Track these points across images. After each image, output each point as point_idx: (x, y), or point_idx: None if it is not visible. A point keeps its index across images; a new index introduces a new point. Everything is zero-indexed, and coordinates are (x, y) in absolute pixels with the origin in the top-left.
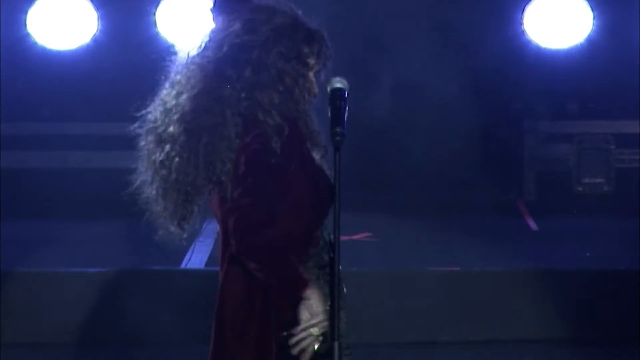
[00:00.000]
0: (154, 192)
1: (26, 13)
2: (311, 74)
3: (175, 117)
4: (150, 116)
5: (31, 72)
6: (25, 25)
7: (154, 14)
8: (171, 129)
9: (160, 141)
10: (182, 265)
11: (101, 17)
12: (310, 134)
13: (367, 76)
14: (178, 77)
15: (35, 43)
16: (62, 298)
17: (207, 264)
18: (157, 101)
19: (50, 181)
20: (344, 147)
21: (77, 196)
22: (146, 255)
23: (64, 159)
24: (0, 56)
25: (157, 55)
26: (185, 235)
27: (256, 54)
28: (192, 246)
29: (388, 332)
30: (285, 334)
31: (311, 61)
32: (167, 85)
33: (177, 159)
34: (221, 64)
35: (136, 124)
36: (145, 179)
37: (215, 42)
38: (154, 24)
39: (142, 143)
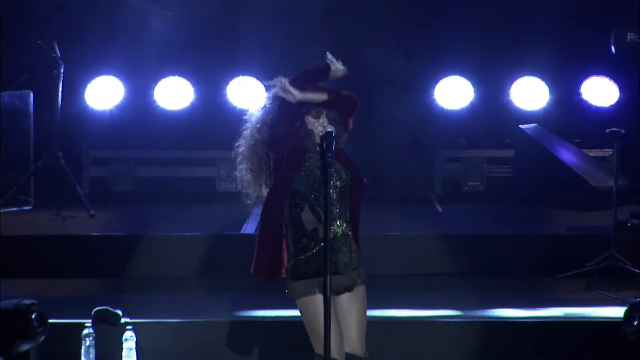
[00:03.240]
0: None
1: (153, 88)
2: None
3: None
4: (242, 153)
5: (155, 123)
6: (153, 95)
7: (226, 88)
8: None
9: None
10: (242, 231)
11: (195, 91)
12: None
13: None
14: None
15: (158, 105)
16: (173, 249)
17: (256, 230)
18: (245, 149)
19: (166, 184)
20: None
21: (181, 192)
22: (219, 225)
23: (174, 171)
24: (137, 115)
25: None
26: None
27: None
28: (247, 219)
29: None
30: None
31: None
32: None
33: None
34: (271, 130)
35: (235, 155)
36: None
37: (262, 120)
38: (226, 94)
39: (241, 166)
